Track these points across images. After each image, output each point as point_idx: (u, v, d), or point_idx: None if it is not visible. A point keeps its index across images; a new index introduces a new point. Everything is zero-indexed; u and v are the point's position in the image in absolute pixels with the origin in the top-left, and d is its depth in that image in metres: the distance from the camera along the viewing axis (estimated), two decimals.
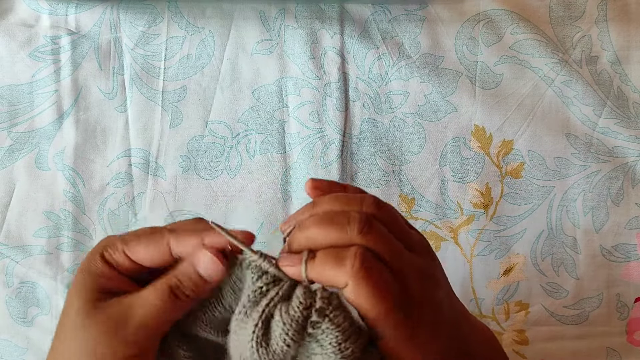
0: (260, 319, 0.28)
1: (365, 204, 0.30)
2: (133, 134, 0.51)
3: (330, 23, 0.51)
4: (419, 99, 0.51)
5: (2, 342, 0.51)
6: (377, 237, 0.29)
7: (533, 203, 0.51)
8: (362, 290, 0.27)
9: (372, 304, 0.27)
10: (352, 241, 0.28)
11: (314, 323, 0.28)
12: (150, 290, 0.31)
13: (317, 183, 0.32)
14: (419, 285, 0.29)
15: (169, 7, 0.51)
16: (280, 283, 0.30)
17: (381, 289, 0.27)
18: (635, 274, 0.52)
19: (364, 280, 0.27)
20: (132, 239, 0.32)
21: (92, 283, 0.31)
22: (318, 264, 0.28)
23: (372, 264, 0.28)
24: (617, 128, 0.51)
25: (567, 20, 0.51)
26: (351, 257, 0.27)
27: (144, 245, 0.32)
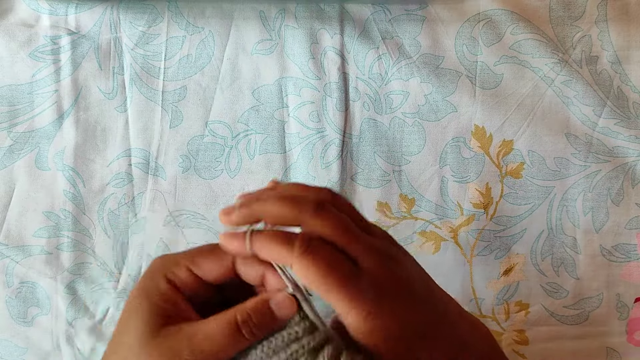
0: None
1: (322, 192, 0.32)
2: (133, 134, 0.51)
3: (330, 23, 0.51)
4: (419, 99, 0.51)
5: (2, 342, 0.52)
6: (328, 220, 0.30)
7: (533, 203, 0.51)
8: (308, 269, 0.28)
9: (320, 281, 0.28)
10: (304, 221, 0.30)
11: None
12: (216, 321, 0.30)
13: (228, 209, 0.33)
14: (375, 262, 0.30)
15: (169, 7, 0.51)
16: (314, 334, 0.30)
17: (327, 267, 0.28)
18: (635, 274, 0.52)
19: (309, 260, 0.28)
20: (197, 254, 0.33)
21: (153, 307, 0.31)
22: (265, 238, 0.30)
23: (318, 245, 0.29)
24: (617, 128, 0.51)
25: (567, 20, 0.51)
26: (299, 238, 0.29)
27: (210, 261, 0.32)
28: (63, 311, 0.51)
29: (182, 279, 0.32)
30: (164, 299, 0.31)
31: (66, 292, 0.51)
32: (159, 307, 0.31)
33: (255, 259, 0.32)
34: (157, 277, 0.32)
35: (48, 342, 0.52)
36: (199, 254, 0.33)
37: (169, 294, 0.31)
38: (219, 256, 0.32)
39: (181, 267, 0.32)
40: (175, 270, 0.32)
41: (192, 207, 0.51)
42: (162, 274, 0.32)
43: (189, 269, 0.32)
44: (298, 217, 0.30)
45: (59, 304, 0.51)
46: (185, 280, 0.32)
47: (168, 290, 0.31)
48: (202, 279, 0.32)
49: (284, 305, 0.31)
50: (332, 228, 0.30)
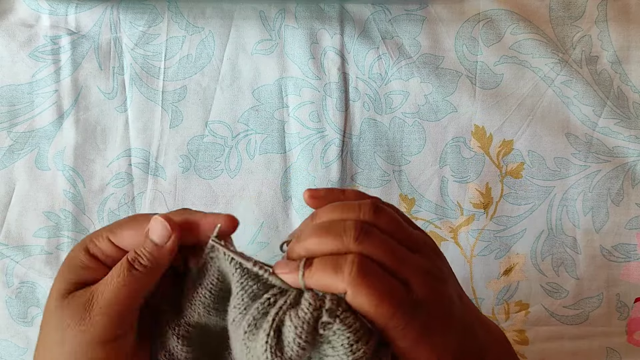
0: (271, 328, 0.29)
1: (362, 210, 0.30)
2: (133, 134, 0.51)
3: (330, 23, 0.51)
4: (419, 99, 0.51)
5: (2, 342, 0.52)
6: (374, 242, 0.29)
7: (533, 203, 0.51)
8: (361, 296, 0.27)
9: (374, 308, 0.27)
10: (349, 249, 0.28)
11: (324, 324, 0.28)
12: (113, 270, 0.31)
13: (314, 192, 0.32)
14: (424, 285, 0.29)
15: (169, 7, 0.51)
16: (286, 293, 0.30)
17: (380, 293, 0.27)
18: (635, 274, 0.52)
19: (361, 286, 0.27)
20: (116, 226, 0.33)
21: (69, 275, 0.32)
22: (315, 271, 0.28)
23: (369, 269, 0.28)
24: (617, 128, 0.51)
25: (567, 20, 0.51)
26: (348, 264, 0.28)
27: (129, 230, 0.32)
28: None
29: (102, 249, 0.33)
30: (82, 267, 0.32)
31: None
32: (76, 274, 0.32)
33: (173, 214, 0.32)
34: (78, 248, 0.33)
35: None
36: (117, 225, 0.33)
37: (88, 263, 0.32)
38: (137, 224, 0.32)
39: (101, 237, 0.33)
40: (96, 241, 0.33)
41: (192, 207, 0.51)
42: (83, 246, 0.33)
43: (109, 239, 0.33)
44: (341, 247, 0.29)
45: None
46: (106, 251, 0.33)
47: (86, 259, 0.32)
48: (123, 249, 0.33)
49: (160, 230, 0.31)
50: (379, 252, 0.29)
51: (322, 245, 0.29)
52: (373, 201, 0.31)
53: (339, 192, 0.32)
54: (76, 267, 0.32)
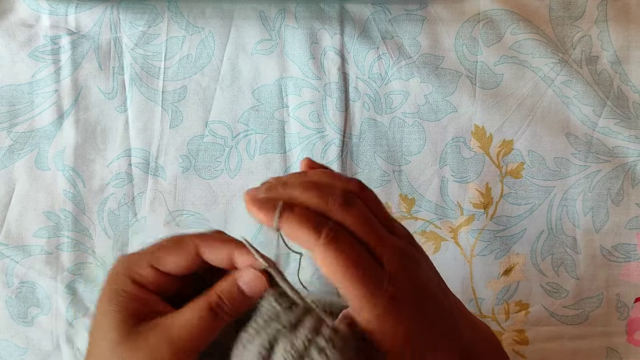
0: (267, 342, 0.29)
1: (350, 183, 0.31)
2: (133, 134, 0.51)
3: (330, 23, 0.51)
4: (419, 99, 0.51)
5: (2, 342, 0.52)
6: (355, 213, 0.29)
7: (533, 203, 0.51)
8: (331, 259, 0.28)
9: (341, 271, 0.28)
10: (331, 212, 0.29)
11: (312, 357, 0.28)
12: (189, 309, 0.30)
13: (313, 163, 0.32)
14: (397, 262, 0.29)
15: (169, 7, 0.51)
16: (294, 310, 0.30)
17: (349, 260, 0.28)
18: (635, 274, 0.52)
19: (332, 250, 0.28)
20: (157, 250, 0.32)
21: (122, 310, 0.30)
22: (293, 219, 0.28)
23: (344, 237, 0.28)
24: (617, 128, 0.51)
25: (567, 20, 0.51)
26: (327, 226, 0.28)
27: (173, 254, 0.31)
28: (63, 311, 0.51)
29: (147, 277, 0.31)
30: (132, 299, 0.31)
31: (66, 292, 0.51)
32: (128, 308, 0.30)
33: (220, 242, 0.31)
34: (121, 279, 0.31)
35: (48, 342, 0.52)
36: (160, 250, 0.32)
37: (136, 293, 0.31)
38: (181, 248, 0.32)
39: (144, 266, 0.31)
40: (139, 270, 0.31)
41: (192, 207, 0.51)
42: (126, 275, 0.31)
43: (153, 267, 0.31)
44: (325, 207, 0.29)
45: (59, 304, 0.51)
46: (150, 278, 0.31)
47: (134, 290, 0.31)
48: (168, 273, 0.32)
49: (253, 282, 0.30)
50: (359, 224, 0.29)
51: (306, 198, 0.29)
52: (360, 180, 0.31)
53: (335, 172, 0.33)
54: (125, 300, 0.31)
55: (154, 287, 0.32)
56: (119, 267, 0.32)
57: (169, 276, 0.32)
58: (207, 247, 0.32)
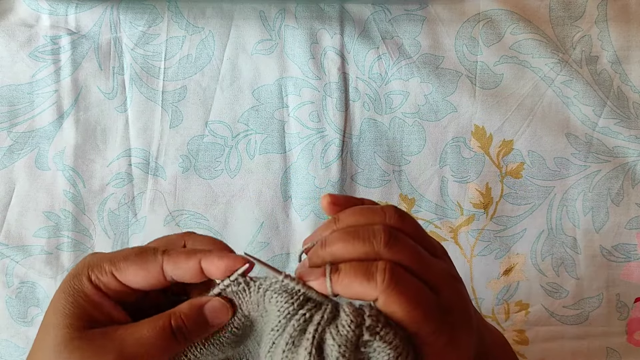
0: (312, 346, 0.28)
1: (387, 215, 0.29)
2: (133, 134, 0.51)
3: (330, 23, 0.51)
4: (419, 99, 0.51)
5: (2, 342, 0.51)
6: (403, 248, 0.28)
7: (533, 203, 0.51)
8: (394, 303, 0.27)
9: (407, 314, 0.27)
10: (379, 254, 0.28)
11: (365, 342, 0.28)
12: (147, 325, 0.29)
13: (334, 198, 0.31)
14: (450, 288, 0.29)
15: (169, 7, 0.51)
16: (322, 307, 0.29)
17: (413, 299, 0.27)
18: (635, 274, 0.52)
19: (394, 293, 0.27)
20: (121, 260, 0.30)
21: (76, 308, 0.29)
22: (344, 277, 0.28)
23: (401, 276, 0.28)
24: (617, 128, 0.51)
25: (567, 20, 0.51)
26: (381, 271, 0.27)
27: (135, 268, 0.30)
28: None
29: (106, 284, 0.30)
30: (88, 301, 0.30)
31: None
32: (83, 309, 0.29)
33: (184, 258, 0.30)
34: (82, 278, 0.30)
35: None
36: (124, 260, 0.30)
37: (93, 297, 0.30)
38: (145, 264, 0.30)
39: (105, 272, 0.30)
40: (99, 275, 0.30)
41: (192, 207, 0.51)
42: (85, 276, 0.30)
43: (113, 275, 0.30)
44: (372, 253, 0.28)
45: None
46: (110, 286, 0.30)
47: (91, 292, 0.30)
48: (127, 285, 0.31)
49: (219, 312, 0.30)
50: (408, 259, 0.28)
51: (350, 250, 0.28)
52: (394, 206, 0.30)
53: (358, 201, 0.32)
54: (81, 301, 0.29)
55: (112, 295, 0.30)
56: (81, 266, 0.31)
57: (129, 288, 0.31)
58: (172, 265, 0.30)
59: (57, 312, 0.29)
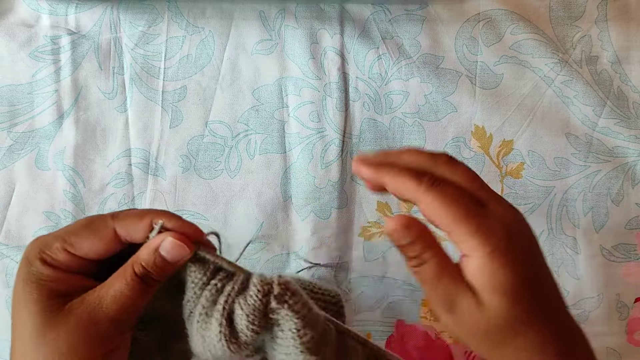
0: (222, 317, 0.29)
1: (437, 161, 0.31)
2: (133, 134, 0.51)
3: (330, 23, 0.51)
4: (419, 99, 0.51)
5: (2, 342, 0.51)
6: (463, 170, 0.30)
7: (533, 203, 0.51)
8: (433, 201, 0.28)
9: (445, 212, 0.28)
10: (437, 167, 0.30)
11: (273, 310, 0.29)
12: (117, 281, 0.30)
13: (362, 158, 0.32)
14: (505, 208, 0.30)
15: (169, 7, 0.51)
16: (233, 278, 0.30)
17: (452, 200, 0.28)
18: (635, 274, 0.52)
19: (434, 192, 0.28)
20: (72, 235, 0.31)
21: (42, 291, 0.29)
22: (395, 171, 0.29)
23: (445, 182, 0.29)
24: (617, 128, 0.51)
25: (567, 20, 0.51)
26: (428, 175, 0.29)
27: (89, 239, 0.31)
28: None
29: (60, 261, 0.30)
30: (51, 280, 0.30)
31: None
32: (49, 289, 0.30)
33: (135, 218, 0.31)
34: (34, 262, 0.30)
35: None
36: (74, 234, 0.31)
37: (51, 275, 0.30)
38: (97, 231, 0.31)
39: (56, 249, 0.30)
40: (51, 254, 0.30)
41: (192, 207, 0.51)
42: (37, 258, 0.30)
43: (66, 250, 0.30)
44: (431, 164, 0.30)
45: None
46: (65, 262, 0.30)
47: (49, 272, 0.30)
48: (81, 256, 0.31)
49: (174, 249, 0.30)
50: (469, 179, 0.30)
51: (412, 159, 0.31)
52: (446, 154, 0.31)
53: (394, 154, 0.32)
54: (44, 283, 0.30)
55: (70, 270, 0.31)
56: (30, 251, 0.31)
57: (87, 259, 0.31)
58: (124, 227, 0.31)
59: (25, 302, 0.29)
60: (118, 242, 0.32)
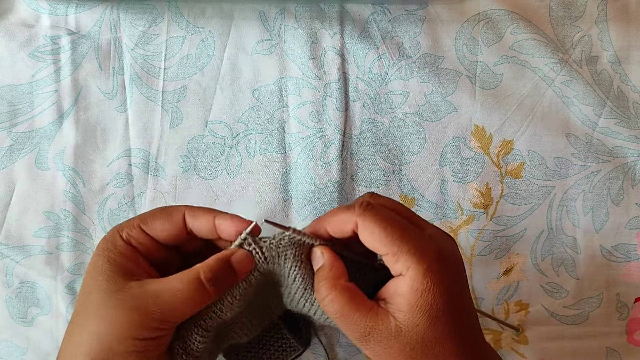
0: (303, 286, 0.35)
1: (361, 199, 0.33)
2: (133, 134, 0.51)
3: (330, 23, 0.51)
4: (419, 99, 0.51)
5: (2, 342, 0.52)
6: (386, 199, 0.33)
7: (533, 203, 0.51)
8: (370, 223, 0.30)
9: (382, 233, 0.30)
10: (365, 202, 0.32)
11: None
12: (180, 279, 0.32)
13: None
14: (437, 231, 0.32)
15: (169, 7, 0.51)
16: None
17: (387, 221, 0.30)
18: (635, 274, 0.52)
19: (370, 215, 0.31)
20: (148, 216, 0.34)
21: (113, 266, 0.32)
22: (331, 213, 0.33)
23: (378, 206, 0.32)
24: (617, 128, 0.51)
25: (567, 20, 0.51)
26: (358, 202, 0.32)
27: (161, 220, 0.34)
28: (63, 311, 0.51)
29: (136, 237, 0.34)
30: (122, 257, 0.33)
31: (66, 292, 0.51)
32: (119, 264, 0.32)
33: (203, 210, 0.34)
34: (114, 237, 0.34)
35: (48, 342, 0.52)
36: (150, 215, 0.34)
37: (127, 252, 0.33)
38: (169, 215, 0.34)
39: (134, 226, 0.34)
40: (129, 230, 0.34)
41: None
42: (116, 234, 0.34)
43: (141, 228, 0.34)
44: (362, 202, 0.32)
45: (59, 304, 0.51)
46: (139, 239, 0.34)
47: (125, 247, 0.33)
48: (155, 239, 0.34)
49: (244, 262, 0.33)
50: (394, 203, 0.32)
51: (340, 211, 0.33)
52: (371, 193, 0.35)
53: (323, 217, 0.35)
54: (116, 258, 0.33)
55: (142, 249, 0.34)
56: (113, 230, 0.35)
57: (157, 243, 0.34)
58: (192, 217, 0.34)
59: (96, 274, 0.32)
60: (184, 230, 0.34)
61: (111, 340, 0.30)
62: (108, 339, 0.30)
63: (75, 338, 0.32)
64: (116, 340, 0.30)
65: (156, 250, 0.35)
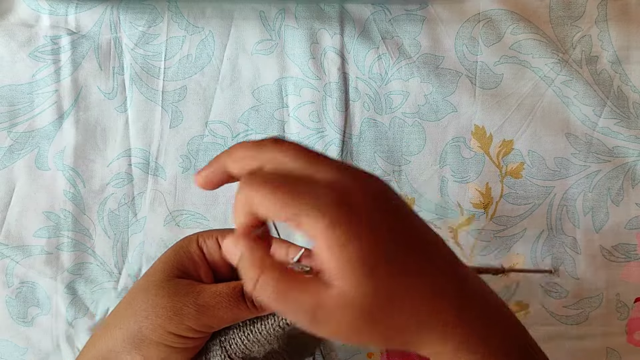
0: None
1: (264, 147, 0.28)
2: (133, 134, 0.51)
3: (330, 23, 0.51)
4: (419, 99, 0.51)
5: (2, 342, 0.52)
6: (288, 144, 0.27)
7: (533, 203, 0.51)
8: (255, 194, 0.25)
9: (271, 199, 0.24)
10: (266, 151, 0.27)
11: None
12: (227, 284, 0.33)
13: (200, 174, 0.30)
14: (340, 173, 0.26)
15: (169, 7, 0.51)
16: None
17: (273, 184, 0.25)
18: (635, 274, 0.52)
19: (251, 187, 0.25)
20: (229, 230, 0.35)
21: (176, 261, 0.34)
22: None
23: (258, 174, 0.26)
24: (617, 128, 0.51)
25: (567, 20, 0.51)
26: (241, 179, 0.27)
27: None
28: (63, 311, 0.51)
29: (209, 246, 0.35)
30: (188, 257, 0.35)
31: (66, 292, 0.51)
32: (181, 262, 0.35)
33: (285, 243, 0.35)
34: (191, 238, 0.36)
35: (48, 342, 0.52)
36: (229, 230, 0.35)
37: (195, 256, 0.35)
38: None
39: (211, 236, 0.35)
40: (206, 238, 0.35)
41: (192, 207, 0.51)
42: (195, 238, 0.36)
43: (217, 240, 0.35)
44: (256, 154, 0.27)
45: (59, 304, 0.51)
46: (211, 249, 0.35)
47: (195, 252, 0.35)
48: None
49: None
50: (290, 153, 0.26)
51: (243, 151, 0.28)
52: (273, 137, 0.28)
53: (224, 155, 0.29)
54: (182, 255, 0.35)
55: (210, 259, 0.35)
56: (194, 234, 0.36)
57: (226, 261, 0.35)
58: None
59: (162, 262, 0.35)
60: None
61: (146, 326, 0.32)
62: (143, 323, 0.32)
63: (121, 310, 0.34)
64: (150, 327, 0.32)
65: (223, 265, 0.36)
